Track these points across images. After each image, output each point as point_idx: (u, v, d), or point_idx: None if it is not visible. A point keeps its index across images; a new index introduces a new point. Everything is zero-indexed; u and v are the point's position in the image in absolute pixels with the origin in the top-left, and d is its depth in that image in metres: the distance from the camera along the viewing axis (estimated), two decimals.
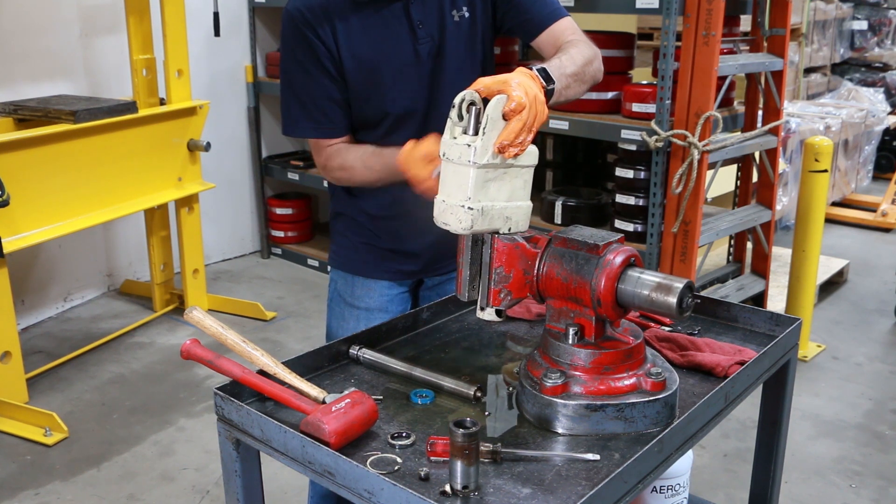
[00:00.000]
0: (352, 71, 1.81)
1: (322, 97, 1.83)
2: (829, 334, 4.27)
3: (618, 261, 1.33)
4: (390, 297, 2.06)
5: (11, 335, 3.38)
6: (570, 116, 3.77)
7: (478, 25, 1.89)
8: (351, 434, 1.30)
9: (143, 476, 3.06)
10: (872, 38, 8.14)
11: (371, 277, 2.05)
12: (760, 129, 3.86)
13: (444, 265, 2.08)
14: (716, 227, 3.75)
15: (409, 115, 1.87)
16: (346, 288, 2.08)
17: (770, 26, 3.82)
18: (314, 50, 1.79)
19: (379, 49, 1.81)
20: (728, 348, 1.61)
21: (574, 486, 1.21)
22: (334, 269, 2.12)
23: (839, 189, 6.49)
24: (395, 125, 1.87)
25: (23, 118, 3.67)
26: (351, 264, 2.07)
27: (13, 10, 4.08)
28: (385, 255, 2.04)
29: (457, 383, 1.48)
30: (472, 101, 1.36)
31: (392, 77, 1.83)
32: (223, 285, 4.85)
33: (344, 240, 2.08)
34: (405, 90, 1.85)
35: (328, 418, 1.28)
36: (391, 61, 1.82)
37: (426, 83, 1.86)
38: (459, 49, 1.87)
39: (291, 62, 1.84)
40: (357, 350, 1.60)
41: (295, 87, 1.85)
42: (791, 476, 3.01)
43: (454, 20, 1.86)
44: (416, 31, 1.81)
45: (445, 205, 1.36)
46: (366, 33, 1.80)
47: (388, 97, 1.84)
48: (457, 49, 1.87)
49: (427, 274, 2.09)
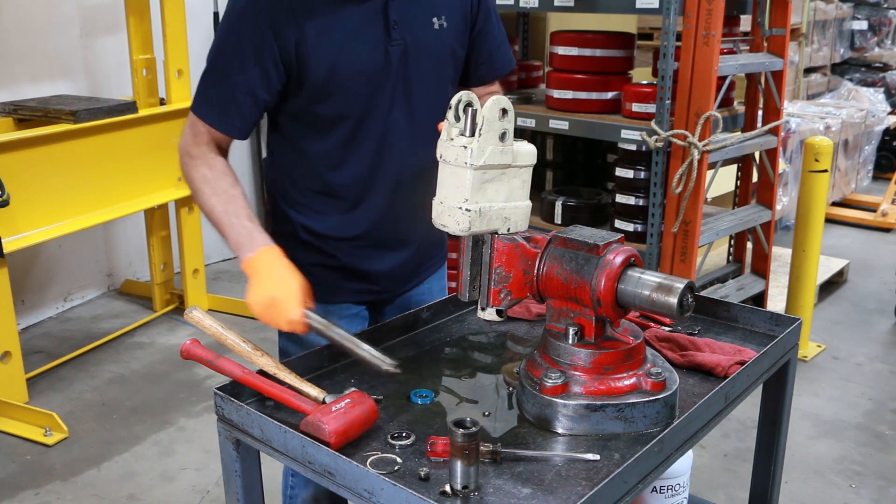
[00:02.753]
0: (314, 66, 1.65)
1: (244, 90, 1.66)
2: (829, 334, 4.27)
3: (618, 261, 1.33)
4: (348, 317, 1.89)
5: (11, 335, 3.38)
6: (570, 116, 3.77)
7: (456, 42, 1.79)
8: (351, 434, 1.30)
9: (143, 476, 3.06)
10: (872, 38, 8.14)
11: (327, 302, 1.82)
12: (760, 129, 3.86)
13: (408, 285, 1.95)
14: (716, 227, 3.75)
15: (368, 122, 1.72)
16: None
17: (770, 26, 3.81)
18: (261, 40, 1.62)
19: (348, 46, 1.66)
20: (728, 348, 1.61)
21: (574, 486, 1.21)
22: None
23: (839, 189, 6.49)
24: (353, 133, 1.73)
25: (23, 118, 3.68)
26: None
27: (13, 10, 4.08)
28: (342, 276, 1.86)
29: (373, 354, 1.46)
30: (469, 101, 1.35)
31: (356, 77, 1.68)
32: (223, 285, 4.84)
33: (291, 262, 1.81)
34: (369, 93, 1.71)
35: (328, 418, 1.28)
36: (358, 60, 1.68)
37: (391, 89, 1.72)
38: (433, 59, 1.76)
39: (229, 41, 1.66)
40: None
41: (221, 68, 1.67)
42: (791, 476, 3.01)
43: (434, 27, 1.75)
44: (390, 32, 1.68)
45: (443, 206, 1.36)
46: (337, 28, 1.65)
47: (349, 99, 1.70)
48: (431, 58, 1.75)
49: (387, 294, 1.93)
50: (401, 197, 1.80)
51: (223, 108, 1.67)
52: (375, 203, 1.79)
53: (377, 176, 1.77)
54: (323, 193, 1.79)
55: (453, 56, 1.81)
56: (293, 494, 1.97)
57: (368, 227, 1.81)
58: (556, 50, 3.86)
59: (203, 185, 1.65)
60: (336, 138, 1.73)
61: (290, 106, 1.72)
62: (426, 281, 1.99)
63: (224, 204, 1.62)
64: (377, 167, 1.76)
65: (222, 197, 1.63)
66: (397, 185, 1.79)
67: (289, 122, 1.76)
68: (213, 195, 1.63)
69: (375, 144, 1.74)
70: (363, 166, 1.76)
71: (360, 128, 1.72)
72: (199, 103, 1.70)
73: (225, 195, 1.63)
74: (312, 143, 1.75)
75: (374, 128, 1.73)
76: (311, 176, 1.79)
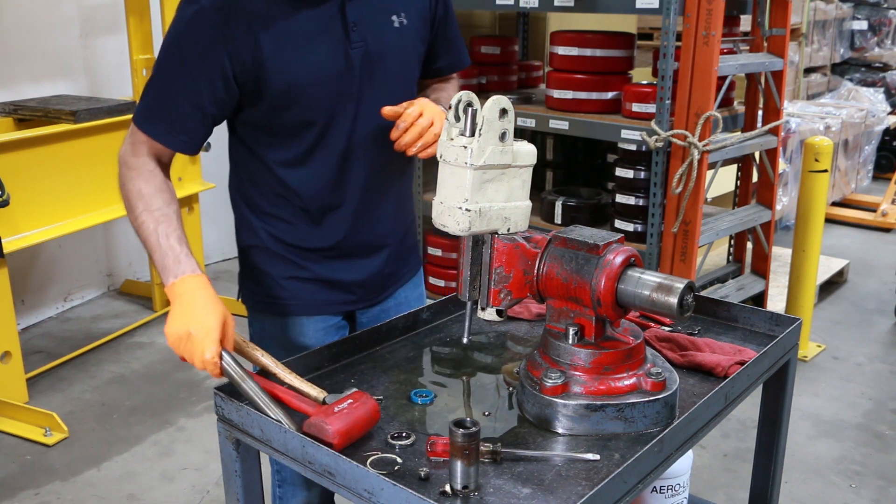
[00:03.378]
0: (272, 75, 1.57)
1: (190, 103, 1.58)
2: (829, 334, 4.27)
3: (618, 261, 1.33)
4: (325, 329, 1.82)
5: (11, 335, 3.38)
6: (570, 116, 3.77)
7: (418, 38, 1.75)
8: (354, 434, 1.30)
9: (143, 476, 3.06)
10: (872, 38, 8.14)
11: (303, 315, 1.79)
12: (760, 129, 3.86)
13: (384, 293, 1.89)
14: (716, 227, 3.75)
15: (333, 128, 1.66)
16: (277, 330, 1.81)
17: (770, 26, 3.81)
18: (209, 52, 1.54)
19: (307, 52, 1.59)
20: (728, 348, 1.61)
21: (574, 486, 1.21)
22: (256, 313, 1.84)
23: (839, 189, 6.49)
24: (318, 139, 1.66)
25: (23, 118, 3.68)
26: (278, 305, 1.79)
27: (13, 10, 4.08)
28: (316, 287, 1.79)
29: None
30: (469, 101, 1.35)
31: (318, 83, 1.61)
32: (223, 285, 4.84)
33: (264, 276, 1.79)
34: (332, 98, 1.64)
35: (331, 419, 1.27)
36: (318, 66, 1.60)
37: (355, 92, 1.65)
38: (397, 58, 1.70)
39: (176, 51, 1.57)
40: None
41: (166, 79, 1.59)
42: (791, 476, 3.01)
43: (394, 26, 1.69)
44: (349, 34, 1.61)
45: (443, 206, 1.36)
46: (293, 34, 1.58)
47: (313, 106, 1.63)
48: (394, 57, 1.69)
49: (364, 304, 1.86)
50: (370, 202, 1.76)
51: (167, 121, 1.59)
52: (344, 211, 1.74)
53: (345, 181, 1.71)
54: (289, 202, 1.72)
55: (417, 53, 1.76)
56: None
57: (339, 235, 1.75)
58: (556, 50, 3.86)
59: (137, 200, 1.57)
60: (300, 146, 1.67)
61: (248, 115, 1.66)
62: (402, 288, 1.93)
63: (155, 223, 1.53)
64: (344, 172, 1.70)
65: (155, 215, 1.54)
66: (366, 191, 1.74)
67: (249, 130, 1.70)
68: (145, 211, 1.55)
69: (342, 149, 1.68)
70: (330, 172, 1.70)
71: (325, 134, 1.66)
72: (140, 114, 1.61)
73: (158, 213, 1.55)
74: (275, 150, 1.69)
75: (339, 133, 1.67)
76: (275, 184, 1.72)
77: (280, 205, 1.73)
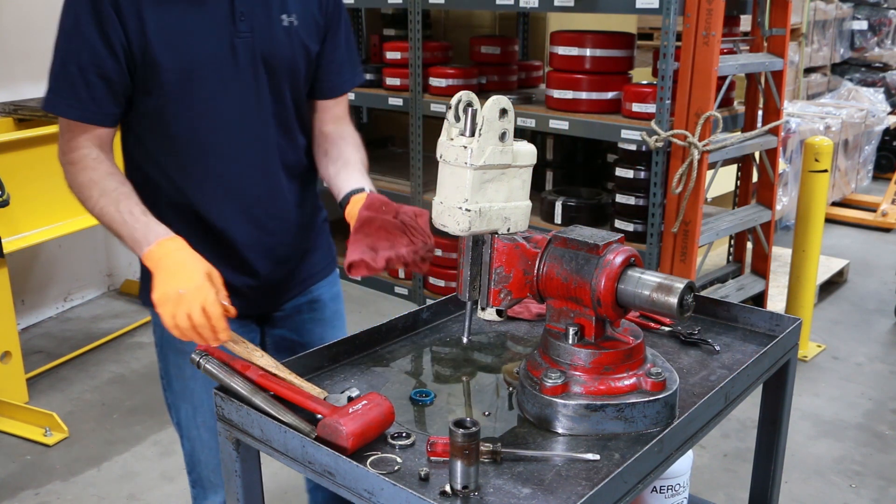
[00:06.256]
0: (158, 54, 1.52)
1: (93, 72, 1.51)
2: (829, 334, 4.27)
3: (618, 261, 1.33)
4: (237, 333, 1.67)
5: (11, 335, 3.38)
6: (570, 116, 3.77)
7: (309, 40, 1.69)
8: (368, 436, 1.29)
9: (143, 476, 3.06)
10: (872, 38, 8.14)
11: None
12: (760, 129, 3.86)
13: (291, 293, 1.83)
14: (716, 227, 3.75)
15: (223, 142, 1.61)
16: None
17: (770, 26, 3.81)
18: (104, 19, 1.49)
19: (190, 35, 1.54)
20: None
21: (574, 486, 1.21)
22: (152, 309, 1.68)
23: (839, 189, 6.49)
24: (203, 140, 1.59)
25: (23, 118, 3.68)
26: None
27: (13, 10, 4.08)
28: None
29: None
30: (469, 101, 1.35)
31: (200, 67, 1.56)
32: None
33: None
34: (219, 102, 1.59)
35: (346, 420, 1.27)
36: (202, 48, 1.55)
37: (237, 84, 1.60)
38: (284, 59, 1.65)
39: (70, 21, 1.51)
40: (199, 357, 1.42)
41: (65, 52, 1.52)
42: (791, 476, 3.01)
43: (283, 24, 1.64)
44: (236, 23, 1.57)
45: (443, 206, 1.36)
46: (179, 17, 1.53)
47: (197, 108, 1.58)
48: (281, 57, 1.64)
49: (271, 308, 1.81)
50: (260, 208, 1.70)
51: (75, 95, 1.52)
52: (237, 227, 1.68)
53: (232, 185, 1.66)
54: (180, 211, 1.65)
55: (306, 55, 1.70)
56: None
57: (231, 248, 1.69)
58: (556, 50, 3.86)
59: (90, 189, 1.53)
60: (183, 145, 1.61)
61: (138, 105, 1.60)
62: (315, 287, 1.89)
63: (115, 203, 1.50)
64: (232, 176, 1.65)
65: (112, 196, 1.51)
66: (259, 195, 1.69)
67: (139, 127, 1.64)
68: (101, 196, 1.51)
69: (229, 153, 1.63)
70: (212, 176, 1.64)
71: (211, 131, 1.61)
72: (49, 100, 1.55)
73: (115, 193, 1.51)
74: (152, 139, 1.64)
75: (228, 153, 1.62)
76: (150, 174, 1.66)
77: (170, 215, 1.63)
